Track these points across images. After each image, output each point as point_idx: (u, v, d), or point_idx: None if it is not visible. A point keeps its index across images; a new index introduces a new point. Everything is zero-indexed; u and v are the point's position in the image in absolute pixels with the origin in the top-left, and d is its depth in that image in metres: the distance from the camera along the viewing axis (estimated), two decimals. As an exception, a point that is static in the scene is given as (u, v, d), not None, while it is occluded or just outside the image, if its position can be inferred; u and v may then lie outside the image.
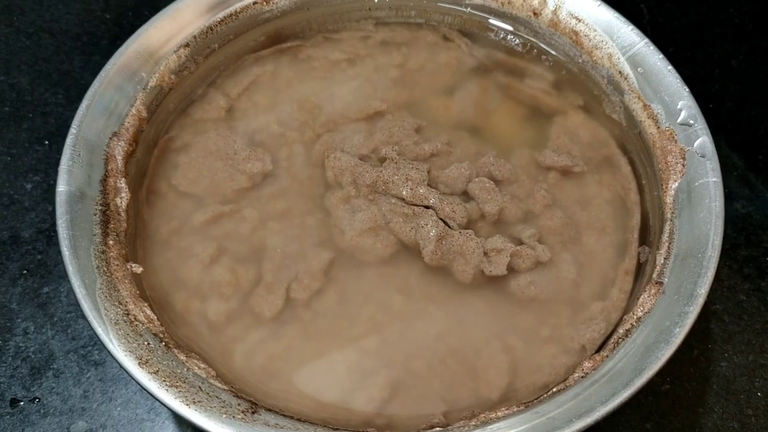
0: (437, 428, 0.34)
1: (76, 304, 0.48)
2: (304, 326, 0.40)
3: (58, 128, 0.57)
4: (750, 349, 0.48)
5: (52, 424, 0.45)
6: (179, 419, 0.45)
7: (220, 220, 0.43)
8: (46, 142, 0.56)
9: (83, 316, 0.47)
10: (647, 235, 0.43)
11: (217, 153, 0.45)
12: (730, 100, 0.58)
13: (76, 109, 0.41)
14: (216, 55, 0.49)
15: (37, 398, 0.46)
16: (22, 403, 0.45)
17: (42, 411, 0.45)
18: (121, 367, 0.34)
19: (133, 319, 0.36)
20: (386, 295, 0.41)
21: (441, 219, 0.42)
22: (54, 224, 0.51)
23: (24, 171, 0.55)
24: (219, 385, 0.35)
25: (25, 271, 0.50)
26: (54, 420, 0.45)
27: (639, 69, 0.45)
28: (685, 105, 0.42)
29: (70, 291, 0.49)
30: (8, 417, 0.45)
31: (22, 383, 0.46)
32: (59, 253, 0.50)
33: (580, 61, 0.49)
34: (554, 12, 0.49)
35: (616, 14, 0.46)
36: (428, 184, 0.43)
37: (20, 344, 0.47)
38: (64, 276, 0.49)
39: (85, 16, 0.63)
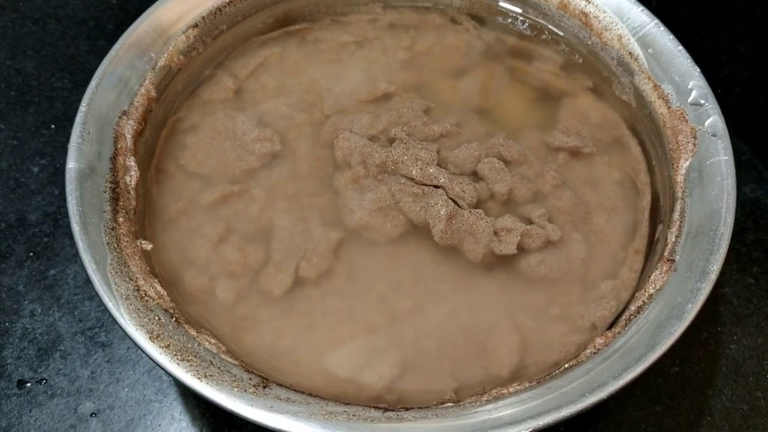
0: (449, 404, 0.34)
1: (83, 286, 0.48)
2: (313, 305, 0.40)
3: (65, 112, 0.57)
4: (759, 331, 0.48)
5: (59, 405, 0.45)
6: (186, 400, 0.45)
7: (229, 200, 0.43)
8: (52, 126, 0.56)
9: (90, 298, 0.48)
10: (658, 215, 0.43)
11: (225, 133, 0.45)
12: (738, 86, 0.58)
13: (82, 93, 0.41)
14: (224, 36, 0.49)
15: (44, 379, 0.46)
16: (29, 384, 0.45)
17: (49, 392, 0.45)
18: (132, 341, 0.34)
19: (143, 295, 0.35)
20: (396, 274, 0.41)
21: (451, 198, 0.42)
22: (60, 207, 0.51)
23: (30, 155, 0.55)
24: (230, 360, 0.35)
25: (31, 254, 0.50)
26: (61, 401, 0.45)
27: (649, 50, 0.45)
28: (696, 85, 0.42)
29: (77, 273, 0.49)
30: (15, 398, 0.45)
31: (29, 364, 0.46)
32: (66, 235, 0.50)
33: (589, 42, 0.49)
34: (563, -7, 0.48)
35: (627, -5, 0.46)
36: (438, 164, 0.43)
37: (27, 326, 0.47)
38: (70, 258, 0.49)
39: (91, 1, 0.63)
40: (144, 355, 0.34)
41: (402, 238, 0.42)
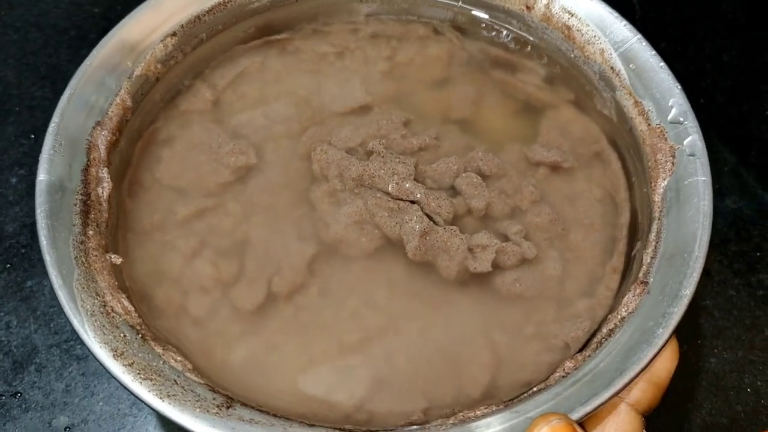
0: (415, 426, 0.34)
1: None
2: (286, 321, 0.40)
3: (45, 122, 0.55)
4: (740, 344, 0.48)
5: (33, 418, 0.44)
6: (161, 414, 0.45)
7: (204, 215, 0.43)
8: (32, 136, 0.56)
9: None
10: (636, 233, 0.43)
11: (201, 146, 0.45)
12: (722, 95, 0.57)
13: None
14: (204, 46, 0.49)
15: (19, 393, 0.45)
16: (3, 397, 0.45)
17: (23, 405, 0.45)
18: (95, 358, 0.33)
19: (110, 311, 0.35)
20: (370, 290, 0.41)
21: (426, 214, 0.41)
22: None
23: (9, 165, 0.54)
24: (195, 378, 0.34)
25: (8, 265, 0.50)
26: (35, 415, 0.45)
27: (631, 65, 0.44)
28: (676, 102, 0.42)
29: None
30: None
31: (4, 377, 0.46)
32: None
33: (572, 56, 0.48)
34: (547, 6, 0.48)
35: (609, 9, 0.46)
36: (415, 179, 0.42)
37: (2, 338, 0.47)
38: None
39: (73, 9, 0.63)
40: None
41: (377, 253, 0.42)
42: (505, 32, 0.51)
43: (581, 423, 0.32)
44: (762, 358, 0.48)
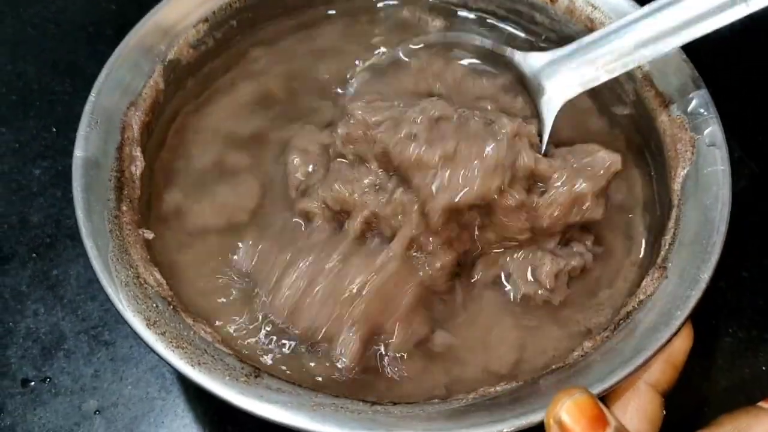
0: (435, 400, 0.35)
1: (86, 286, 0.50)
2: None
3: (65, 116, 0.58)
4: (753, 324, 0.49)
5: (63, 403, 0.46)
6: (189, 397, 0.46)
7: None
8: (54, 129, 0.57)
9: (93, 297, 0.49)
10: (654, 223, 0.43)
11: None
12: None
13: (83, 97, 0.42)
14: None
15: (48, 378, 0.46)
16: (33, 383, 0.46)
17: (53, 390, 0.46)
18: (130, 327, 0.35)
19: (143, 282, 0.36)
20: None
21: None
22: (63, 209, 0.53)
23: (32, 157, 0.56)
24: (224, 349, 0.35)
25: (34, 255, 0.51)
26: (65, 399, 0.46)
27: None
28: (697, 94, 0.43)
29: (80, 274, 0.50)
30: (19, 396, 0.46)
31: (33, 363, 0.47)
32: (68, 237, 0.52)
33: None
34: (570, -1, 0.49)
35: (631, 2, 0.47)
36: None
37: (31, 325, 0.48)
38: (73, 259, 0.51)
39: (90, 6, 0.65)
40: (143, 344, 0.34)
41: None
42: (524, 25, 0.52)
43: (602, 400, 0.33)
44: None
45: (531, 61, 0.44)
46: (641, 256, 0.43)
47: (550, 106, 0.42)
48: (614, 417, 0.29)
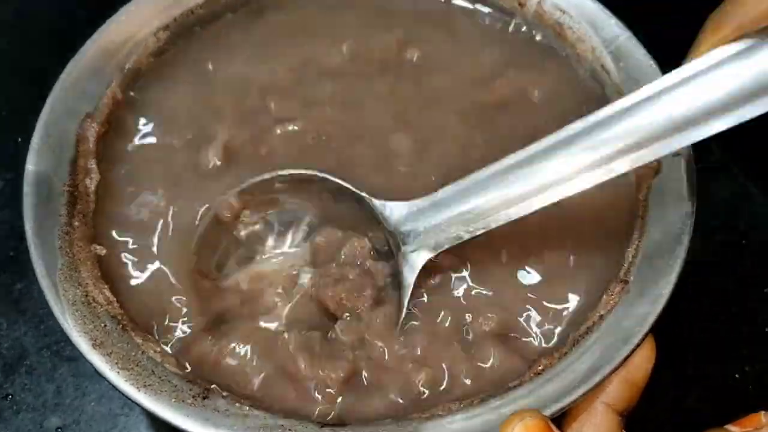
0: (388, 419, 0.34)
1: None
2: None
3: (31, 126, 0.56)
4: (720, 340, 0.48)
5: (24, 420, 0.45)
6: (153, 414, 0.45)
7: None
8: (19, 140, 0.55)
9: None
10: (621, 234, 0.42)
11: None
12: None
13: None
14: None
15: (10, 395, 0.46)
16: (-6, 400, 0.46)
17: (14, 408, 0.45)
18: (77, 347, 0.34)
19: (91, 300, 0.36)
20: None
21: None
22: None
23: (-4, 169, 0.55)
24: (173, 369, 0.35)
25: (-4, 268, 0.50)
26: (27, 416, 0.45)
27: (621, 63, 0.44)
28: (664, 101, 0.42)
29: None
30: None
31: (-5, 380, 0.46)
32: None
33: (563, 54, 0.48)
34: (539, 3, 0.48)
35: (600, 6, 0.46)
36: None
37: (-7, 341, 0.48)
38: None
39: (58, 14, 0.64)
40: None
41: None
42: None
43: (557, 421, 0.32)
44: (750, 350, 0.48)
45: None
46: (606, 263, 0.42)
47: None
48: None
